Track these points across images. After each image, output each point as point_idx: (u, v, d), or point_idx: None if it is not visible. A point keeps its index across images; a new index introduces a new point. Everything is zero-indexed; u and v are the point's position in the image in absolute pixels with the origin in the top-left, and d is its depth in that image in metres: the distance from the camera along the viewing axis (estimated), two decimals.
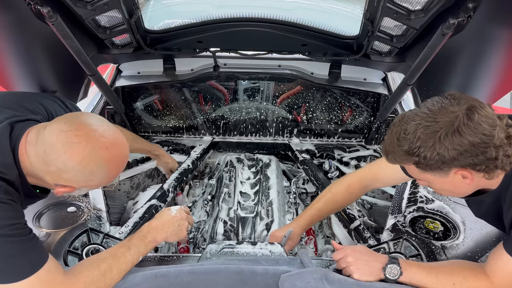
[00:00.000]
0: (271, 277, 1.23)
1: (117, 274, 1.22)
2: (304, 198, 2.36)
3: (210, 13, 2.08)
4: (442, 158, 1.07)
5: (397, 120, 1.17)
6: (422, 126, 1.08)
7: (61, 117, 1.14)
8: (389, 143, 1.17)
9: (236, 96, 2.71)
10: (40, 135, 1.08)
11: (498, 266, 1.17)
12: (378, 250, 1.52)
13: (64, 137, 1.06)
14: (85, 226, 1.56)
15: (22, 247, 1.05)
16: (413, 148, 1.09)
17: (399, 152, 1.13)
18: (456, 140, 1.04)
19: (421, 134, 1.08)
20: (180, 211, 1.50)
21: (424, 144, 1.08)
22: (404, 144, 1.11)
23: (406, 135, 1.10)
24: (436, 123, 1.06)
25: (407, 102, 2.58)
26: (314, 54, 2.32)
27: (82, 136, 1.07)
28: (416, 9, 1.67)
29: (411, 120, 1.11)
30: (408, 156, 1.12)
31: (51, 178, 1.12)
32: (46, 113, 1.30)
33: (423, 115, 1.10)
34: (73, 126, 1.08)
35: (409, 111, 1.17)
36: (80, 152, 1.06)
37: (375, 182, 1.67)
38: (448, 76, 2.04)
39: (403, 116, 1.15)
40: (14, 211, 1.07)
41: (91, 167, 1.09)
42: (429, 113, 1.09)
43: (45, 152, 1.06)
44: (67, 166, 1.07)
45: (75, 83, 2.24)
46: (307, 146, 2.64)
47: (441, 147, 1.06)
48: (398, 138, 1.13)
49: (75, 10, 1.71)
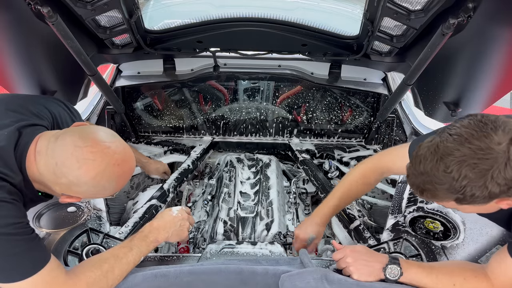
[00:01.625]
0: (271, 277, 1.23)
1: (119, 275, 1.22)
2: (304, 198, 2.36)
3: (210, 13, 2.08)
4: (492, 194, 0.98)
5: (427, 151, 1.03)
6: (467, 164, 0.96)
7: (74, 131, 1.14)
8: (424, 181, 1.04)
9: (236, 96, 2.71)
10: (51, 145, 1.09)
11: (501, 269, 1.17)
12: (378, 250, 1.52)
13: (79, 153, 1.07)
14: (85, 226, 1.56)
15: (25, 246, 1.05)
16: (459, 186, 0.98)
17: (440, 190, 1.02)
18: (508, 175, 0.95)
19: (469, 173, 0.96)
20: (181, 211, 1.50)
21: (472, 183, 0.97)
22: (446, 183, 0.99)
23: (449, 173, 0.98)
24: (485, 160, 0.95)
25: (407, 102, 2.58)
26: (314, 54, 2.32)
27: (98, 153, 1.08)
28: (416, 9, 1.67)
29: (449, 155, 0.98)
30: (451, 194, 1.01)
31: (60, 189, 1.13)
32: (51, 117, 1.31)
33: (466, 151, 0.97)
34: (88, 142, 1.09)
35: (439, 139, 1.02)
36: (95, 168, 1.08)
37: (388, 171, 1.62)
38: (448, 76, 2.04)
39: (436, 148, 1.01)
40: (17, 210, 1.07)
41: (103, 182, 1.11)
42: (472, 147, 0.96)
43: (57, 164, 1.07)
44: (80, 181, 1.08)
45: (75, 83, 2.24)
46: (307, 146, 2.64)
47: (493, 185, 0.96)
48: (436, 175, 1.00)
49: (75, 10, 1.71)
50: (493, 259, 1.21)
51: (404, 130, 2.43)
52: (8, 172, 1.07)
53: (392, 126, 2.57)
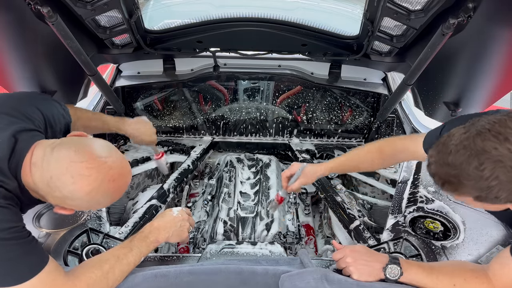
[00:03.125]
0: (271, 277, 1.23)
1: (120, 276, 1.22)
2: (304, 198, 2.36)
3: (210, 13, 2.08)
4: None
5: (459, 144, 0.97)
6: (503, 166, 0.92)
7: (70, 144, 1.12)
8: (450, 173, 0.99)
9: (236, 96, 2.71)
10: (47, 157, 1.08)
11: (504, 271, 1.16)
12: (378, 250, 1.52)
13: (74, 168, 1.06)
14: (85, 226, 1.56)
15: (21, 250, 1.05)
16: (486, 186, 0.95)
17: (465, 186, 0.98)
18: None
19: (501, 175, 0.92)
20: (182, 212, 1.51)
21: (502, 185, 0.93)
22: (474, 179, 0.95)
23: (481, 170, 0.94)
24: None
25: (407, 102, 2.58)
26: (314, 54, 2.32)
27: (93, 169, 1.07)
28: (416, 9, 1.67)
29: (485, 152, 0.93)
30: (474, 191, 0.97)
31: (54, 201, 1.13)
32: (43, 119, 1.29)
33: (504, 151, 0.92)
34: (84, 157, 1.08)
35: (475, 132, 0.96)
36: (89, 184, 1.07)
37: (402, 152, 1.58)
38: (448, 76, 2.04)
39: (471, 143, 0.95)
40: (12, 214, 1.07)
41: (98, 197, 1.11)
42: (511, 148, 0.91)
43: (52, 178, 1.06)
44: (74, 196, 1.08)
45: (75, 83, 2.23)
46: (307, 146, 2.64)
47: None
48: (465, 170, 0.95)
49: (75, 10, 1.71)
50: (495, 260, 1.21)
51: (404, 130, 2.43)
52: (2, 178, 1.07)
53: (392, 126, 2.57)
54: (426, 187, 1.84)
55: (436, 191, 1.82)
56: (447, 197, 1.77)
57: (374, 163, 1.68)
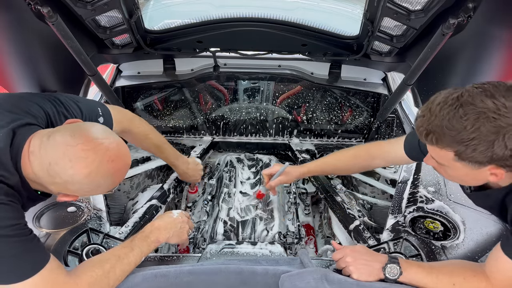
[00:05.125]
0: (271, 277, 1.23)
1: (121, 275, 1.22)
2: (304, 198, 2.36)
3: (210, 13, 2.08)
4: (494, 155, 0.98)
5: (449, 96, 1.02)
6: (486, 117, 0.95)
7: (66, 128, 1.13)
8: (435, 123, 1.02)
9: (236, 96, 2.71)
10: (44, 144, 1.08)
11: (498, 267, 1.17)
12: (378, 250, 1.52)
13: (71, 152, 1.06)
14: (85, 226, 1.56)
15: (23, 247, 1.05)
16: (466, 137, 0.98)
17: (446, 136, 1.01)
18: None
19: (482, 126, 0.95)
20: (181, 214, 1.52)
21: (481, 137, 0.96)
22: (456, 129, 0.98)
23: (464, 120, 0.97)
24: (506, 118, 0.94)
25: (407, 102, 2.58)
26: (314, 54, 2.32)
27: (89, 150, 1.07)
28: (416, 9, 1.67)
29: (470, 104, 0.97)
30: (455, 144, 1.00)
31: (56, 188, 1.13)
32: (45, 116, 1.29)
33: (489, 104, 0.95)
34: (80, 140, 1.08)
35: (464, 90, 1.00)
36: (87, 166, 1.07)
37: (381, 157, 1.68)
38: (448, 76, 2.04)
39: (459, 95, 0.99)
40: (14, 211, 1.07)
41: (98, 179, 1.11)
42: (497, 103, 0.95)
43: (50, 164, 1.06)
44: (74, 179, 1.08)
45: (75, 83, 2.24)
46: (307, 146, 2.64)
47: (499, 146, 0.96)
48: (449, 120, 0.99)
49: (75, 10, 1.71)
50: (489, 257, 1.21)
51: (404, 130, 2.43)
52: (4, 173, 1.07)
53: (392, 126, 2.57)
54: (426, 187, 1.84)
55: (436, 191, 1.82)
56: (447, 197, 1.77)
57: (356, 167, 1.82)
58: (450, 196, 1.77)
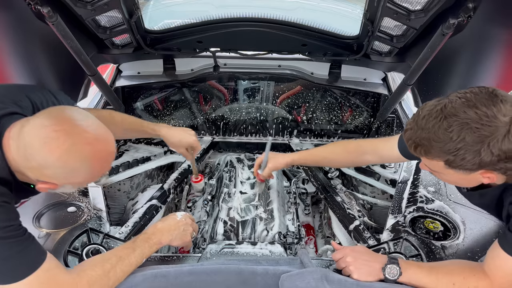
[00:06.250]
0: (271, 277, 1.23)
1: (121, 275, 1.21)
2: (304, 198, 2.36)
3: (210, 13, 2.08)
4: (482, 162, 1.01)
5: (433, 109, 1.05)
6: (469, 127, 0.99)
7: (44, 111, 1.10)
8: (421, 136, 1.06)
9: (236, 96, 2.71)
10: (22, 129, 1.06)
11: (496, 264, 1.17)
12: (378, 250, 1.52)
13: (43, 132, 1.03)
14: (85, 226, 1.56)
15: (17, 248, 1.04)
16: (453, 148, 1.01)
17: (434, 147, 1.05)
18: (504, 147, 0.98)
19: (467, 136, 0.99)
20: (186, 216, 1.50)
21: (468, 147, 1.00)
22: (443, 141, 1.02)
23: (449, 132, 1.01)
24: (488, 127, 0.98)
25: (407, 102, 2.58)
26: (314, 54, 2.32)
27: (61, 131, 1.03)
28: (416, 9, 1.67)
29: (453, 115, 1.01)
30: (443, 154, 1.04)
31: (33, 174, 1.09)
32: (31, 107, 1.26)
33: (471, 114, 0.99)
34: (54, 121, 1.05)
35: (448, 100, 1.04)
36: (59, 147, 1.03)
37: (372, 152, 1.69)
38: (448, 76, 2.04)
39: (443, 107, 1.03)
40: (8, 213, 1.06)
41: (71, 163, 1.06)
42: (478, 112, 0.98)
43: (25, 147, 1.04)
44: (47, 162, 1.04)
45: (75, 83, 2.24)
46: (307, 146, 2.64)
47: (486, 153, 0.99)
48: (436, 132, 1.03)
49: (75, 10, 1.71)
50: (488, 255, 1.21)
51: None
52: None
53: (392, 126, 2.57)
54: (426, 187, 1.84)
55: (436, 191, 1.83)
56: (447, 197, 1.78)
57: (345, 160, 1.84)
58: (450, 196, 1.77)
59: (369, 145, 1.72)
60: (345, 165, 2.14)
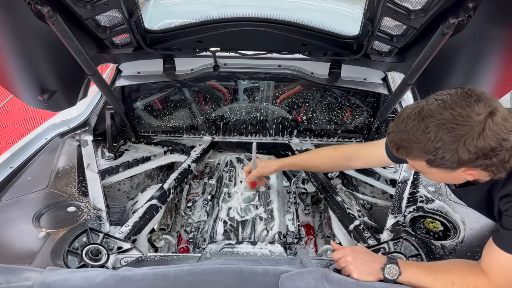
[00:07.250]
0: (271, 277, 1.23)
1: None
2: (304, 198, 2.36)
3: (210, 13, 2.08)
4: (461, 160, 1.06)
5: (412, 112, 1.11)
6: (445, 128, 1.04)
7: None
8: (402, 138, 1.12)
9: (236, 96, 2.71)
10: None
11: (492, 261, 1.17)
12: (378, 250, 1.52)
13: None
14: (85, 226, 1.56)
15: None
16: (432, 148, 1.07)
17: (414, 148, 1.10)
18: (479, 144, 1.03)
19: (444, 136, 1.04)
20: None
21: (445, 146, 1.05)
22: (422, 142, 1.08)
23: (427, 133, 1.06)
24: (462, 127, 1.03)
25: (407, 102, 2.58)
26: (314, 54, 2.32)
27: None
28: (416, 9, 1.67)
29: (430, 117, 1.07)
30: (423, 154, 1.09)
31: None
32: None
33: (447, 115, 1.05)
34: None
35: (425, 103, 1.10)
36: None
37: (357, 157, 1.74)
38: (448, 76, 2.04)
39: (420, 110, 1.09)
40: None
41: None
42: (453, 113, 1.04)
43: None
44: None
45: (75, 83, 2.24)
46: (307, 146, 2.64)
47: (463, 151, 1.04)
48: (414, 134, 1.08)
49: (75, 10, 1.71)
50: (483, 253, 1.22)
51: None
52: None
53: None
54: (426, 187, 1.85)
55: (436, 191, 1.83)
56: (447, 197, 1.77)
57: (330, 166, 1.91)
58: (450, 196, 1.77)
59: (353, 151, 1.77)
60: (331, 170, 2.21)
